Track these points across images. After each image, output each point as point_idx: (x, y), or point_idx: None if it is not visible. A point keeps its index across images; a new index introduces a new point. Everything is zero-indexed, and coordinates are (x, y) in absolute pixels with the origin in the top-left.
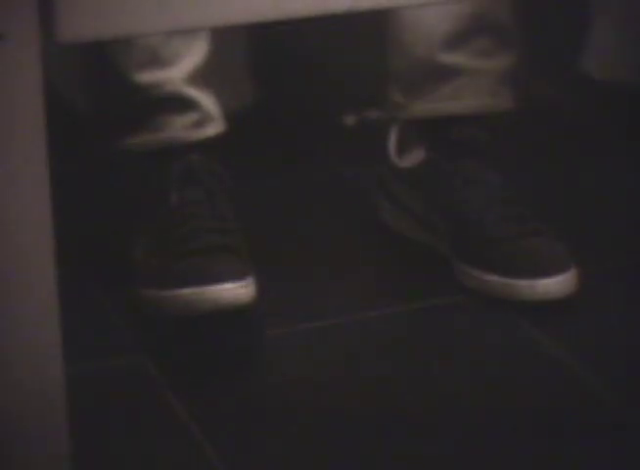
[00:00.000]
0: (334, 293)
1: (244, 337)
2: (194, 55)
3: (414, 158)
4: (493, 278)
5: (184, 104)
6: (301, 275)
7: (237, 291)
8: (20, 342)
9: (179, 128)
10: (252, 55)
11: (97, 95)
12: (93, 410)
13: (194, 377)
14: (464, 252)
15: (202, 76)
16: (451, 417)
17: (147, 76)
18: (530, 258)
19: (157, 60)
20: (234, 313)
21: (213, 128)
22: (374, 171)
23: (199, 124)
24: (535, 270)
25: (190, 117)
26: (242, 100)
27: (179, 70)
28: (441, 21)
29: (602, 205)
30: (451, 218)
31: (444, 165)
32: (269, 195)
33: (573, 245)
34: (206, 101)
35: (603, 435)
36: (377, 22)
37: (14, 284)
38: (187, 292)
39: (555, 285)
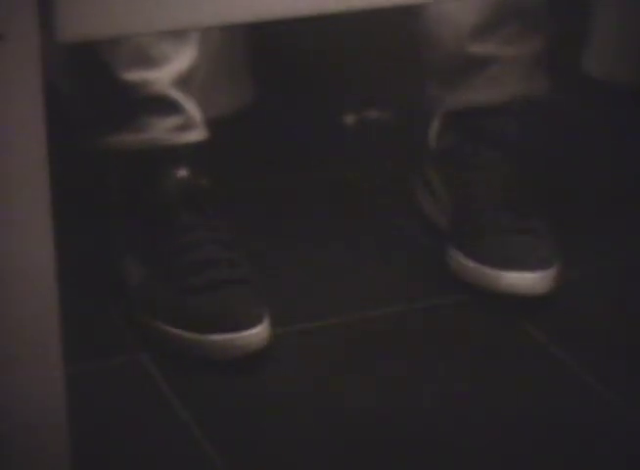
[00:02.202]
0: (334, 293)
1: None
2: (182, 59)
3: (444, 143)
4: (468, 263)
5: (169, 106)
6: (301, 275)
7: (261, 336)
8: (20, 342)
9: (162, 130)
10: (252, 55)
11: (83, 90)
12: (93, 410)
13: (194, 377)
14: (456, 236)
15: (187, 82)
16: (451, 417)
17: (134, 75)
18: (507, 251)
19: (145, 60)
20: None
21: (196, 134)
22: (374, 171)
23: (182, 128)
24: (506, 263)
25: (173, 121)
26: (242, 100)
27: (167, 72)
28: (468, 12)
29: (602, 204)
30: (458, 203)
31: (466, 152)
32: (269, 195)
33: (573, 245)
34: (191, 106)
35: (603, 435)
36: (377, 21)
37: (14, 284)
38: (214, 338)
39: (520, 281)
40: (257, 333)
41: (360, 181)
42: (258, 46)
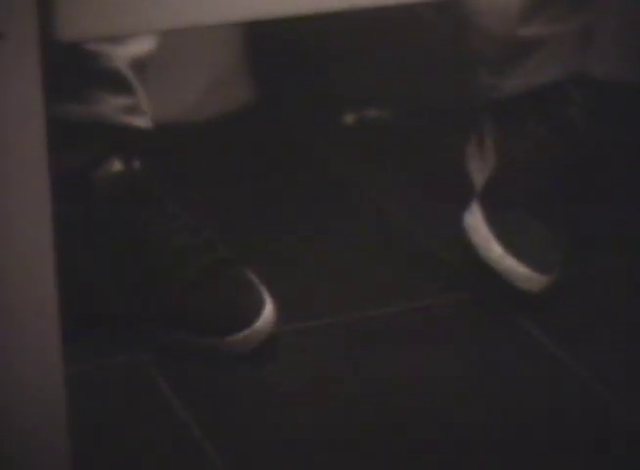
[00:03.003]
0: (334, 293)
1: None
2: (141, 43)
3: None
4: (482, 228)
5: (122, 84)
6: (301, 275)
7: (273, 316)
8: (20, 342)
9: (112, 107)
10: (252, 55)
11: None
12: (93, 410)
13: (194, 377)
14: (485, 198)
15: (142, 68)
16: (451, 417)
17: (95, 46)
18: (523, 238)
19: None
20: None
21: (142, 121)
22: (374, 171)
23: (130, 111)
24: (515, 250)
25: (124, 100)
26: (242, 100)
27: (126, 51)
28: None
29: (602, 204)
30: (498, 170)
31: (521, 127)
32: (269, 195)
33: (573, 245)
34: (141, 92)
35: (603, 435)
36: (377, 21)
37: (14, 284)
38: (237, 338)
39: (521, 272)
40: (270, 314)
41: (360, 181)
42: (258, 46)
